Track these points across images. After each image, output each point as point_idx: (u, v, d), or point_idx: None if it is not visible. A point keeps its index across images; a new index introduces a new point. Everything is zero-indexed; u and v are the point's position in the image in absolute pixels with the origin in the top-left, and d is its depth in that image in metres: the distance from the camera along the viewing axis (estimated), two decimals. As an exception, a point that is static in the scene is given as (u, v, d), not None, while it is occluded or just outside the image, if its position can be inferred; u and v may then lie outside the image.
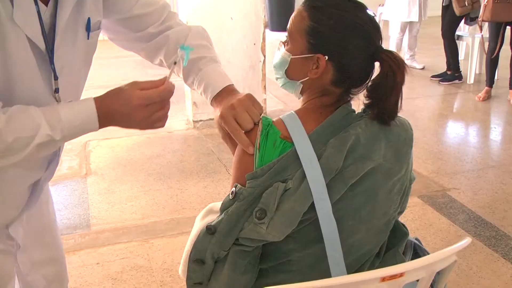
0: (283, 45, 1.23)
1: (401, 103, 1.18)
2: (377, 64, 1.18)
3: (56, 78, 1.16)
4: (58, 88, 1.16)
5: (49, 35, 1.12)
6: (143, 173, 3.71)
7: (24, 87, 1.09)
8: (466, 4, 5.36)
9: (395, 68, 1.14)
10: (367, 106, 1.19)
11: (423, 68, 6.53)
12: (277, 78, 1.27)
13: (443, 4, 5.77)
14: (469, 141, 4.24)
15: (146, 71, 6.25)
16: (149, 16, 1.33)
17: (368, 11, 1.17)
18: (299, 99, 1.27)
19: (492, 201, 3.24)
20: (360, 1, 1.19)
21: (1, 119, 1.01)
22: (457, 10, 5.54)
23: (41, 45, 1.10)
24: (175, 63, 1.21)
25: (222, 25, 4.36)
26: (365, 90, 1.20)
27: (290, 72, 1.22)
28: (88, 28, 1.21)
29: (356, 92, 1.22)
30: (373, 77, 1.19)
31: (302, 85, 1.21)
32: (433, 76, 6.12)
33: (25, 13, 1.05)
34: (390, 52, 1.16)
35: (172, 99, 1.15)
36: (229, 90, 1.28)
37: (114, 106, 1.11)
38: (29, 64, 1.09)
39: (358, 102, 1.23)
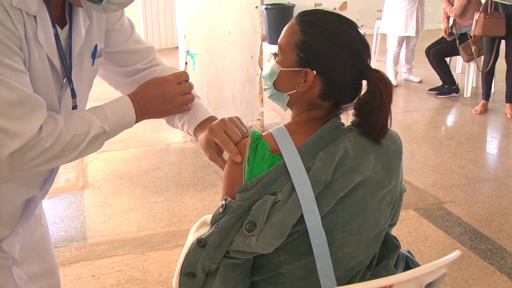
0: (273, 57, 1.25)
1: (390, 121, 1.19)
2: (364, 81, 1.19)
3: (74, 96, 1.23)
4: (76, 106, 1.25)
5: (65, 57, 1.18)
6: (140, 185, 3.71)
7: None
8: (473, 52, 5.41)
9: (382, 87, 1.15)
10: (356, 125, 1.20)
11: (420, 82, 6.55)
12: (265, 89, 1.28)
13: (448, 39, 5.81)
14: (466, 154, 4.24)
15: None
16: (139, 53, 1.41)
17: (358, 29, 1.19)
18: (285, 111, 1.29)
19: (488, 214, 3.24)
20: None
21: (59, 121, 1.11)
22: (464, 58, 5.62)
23: (57, 65, 1.16)
24: (186, 63, 1.42)
25: (219, 38, 4.38)
26: (353, 108, 1.21)
27: (278, 84, 1.23)
28: (94, 55, 1.26)
29: (347, 108, 1.23)
30: (361, 94, 1.21)
31: (289, 98, 1.22)
32: (430, 90, 6.14)
33: (46, 33, 1.11)
34: (378, 71, 1.18)
35: None
36: (213, 119, 1.35)
37: (149, 90, 1.28)
38: (47, 81, 1.15)
39: (347, 115, 1.25)
